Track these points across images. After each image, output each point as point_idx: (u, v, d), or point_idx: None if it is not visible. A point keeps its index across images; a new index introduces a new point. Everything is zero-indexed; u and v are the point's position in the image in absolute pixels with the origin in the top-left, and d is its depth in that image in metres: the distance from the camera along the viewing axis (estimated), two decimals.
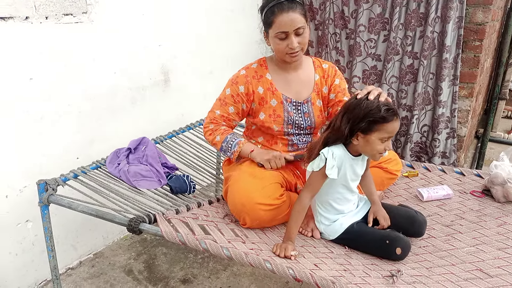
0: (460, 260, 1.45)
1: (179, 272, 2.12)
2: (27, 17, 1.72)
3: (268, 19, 1.62)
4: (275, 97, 1.74)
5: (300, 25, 1.59)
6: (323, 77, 1.81)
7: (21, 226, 1.88)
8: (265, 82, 1.75)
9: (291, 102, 1.75)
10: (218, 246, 1.37)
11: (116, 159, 1.89)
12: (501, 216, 1.71)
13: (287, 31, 1.59)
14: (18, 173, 1.82)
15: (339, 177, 1.50)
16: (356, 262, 1.45)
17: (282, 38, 1.61)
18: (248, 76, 1.74)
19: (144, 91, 2.34)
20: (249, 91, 1.73)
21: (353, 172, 1.54)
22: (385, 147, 1.44)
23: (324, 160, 1.45)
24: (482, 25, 2.71)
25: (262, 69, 1.76)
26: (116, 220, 1.52)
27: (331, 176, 1.44)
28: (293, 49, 1.62)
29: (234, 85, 1.74)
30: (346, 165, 1.51)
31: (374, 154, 1.46)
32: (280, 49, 1.64)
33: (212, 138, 1.78)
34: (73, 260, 2.17)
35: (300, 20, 1.59)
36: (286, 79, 1.77)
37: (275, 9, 1.58)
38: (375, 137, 1.42)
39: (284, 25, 1.58)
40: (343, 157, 1.49)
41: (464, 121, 2.93)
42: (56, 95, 1.90)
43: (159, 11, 2.32)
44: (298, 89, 1.78)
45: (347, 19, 3.02)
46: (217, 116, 1.78)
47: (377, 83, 3.03)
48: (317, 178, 1.48)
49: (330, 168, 1.44)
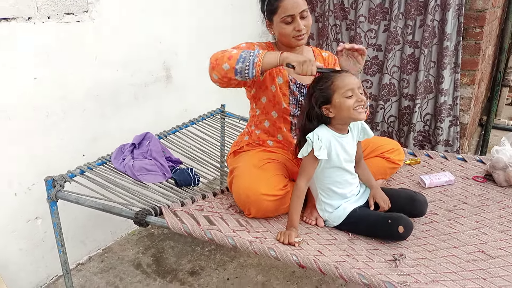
0: (463, 242, 1.47)
1: (187, 265, 2.15)
2: (29, 17, 1.75)
3: (273, 6, 1.66)
4: (281, 75, 1.77)
5: (304, 8, 1.64)
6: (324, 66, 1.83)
7: (31, 223, 1.92)
8: None
9: (295, 83, 1.78)
10: (223, 235, 1.39)
11: (121, 155, 1.92)
12: (503, 200, 1.72)
13: (293, 14, 1.63)
14: (26, 171, 1.86)
15: (332, 159, 1.54)
16: (359, 247, 1.47)
17: (288, 22, 1.65)
18: (262, 45, 1.78)
19: (146, 87, 2.37)
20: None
21: (345, 152, 1.57)
22: (356, 99, 1.46)
23: (311, 144, 1.48)
24: (482, 12, 2.71)
25: (269, 48, 1.80)
26: (123, 214, 1.55)
27: (320, 157, 1.48)
28: (300, 31, 1.66)
29: (250, 43, 1.75)
30: (335, 144, 1.54)
31: (351, 112, 1.47)
32: (287, 33, 1.68)
33: (227, 53, 1.56)
34: (83, 256, 2.21)
35: (303, 3, 1.65)
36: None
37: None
38: (338, 98, 1.46)
39: (291, 8, 1.62)
40: (329, 137, 1.53)
41: (466, 108, 2.93)
42: (60, 93, 1.93)
43: (159, 8, 2.35)
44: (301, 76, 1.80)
45: (347, 10, 3.03)
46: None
47: (378, 73, 3.04)
48: (308, 162, 1.52)
49: (318, 150, 1.47)
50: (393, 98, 3.03)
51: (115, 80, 2.18)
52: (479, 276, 1.27)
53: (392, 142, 1.93)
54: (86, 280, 2.06)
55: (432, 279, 1.24)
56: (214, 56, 1.61)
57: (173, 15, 2.45)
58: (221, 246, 2.28)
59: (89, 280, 2.06)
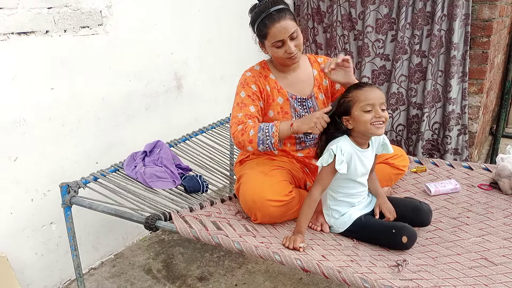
0: (466, 250, 1.48)
1: (196, 271, 2.20)
2: (47, 31, 1.83)
3: (262, 31, 1.69)
4: (281, 95, 1.81)
5: (293, 30, 1.66)
6: (321, 71, 1.88)
7: (46, 228, 1.99)
8: (270, 81, 1.82)
9: (296, 99, 1.82)
10: (229, 240, 1.43)
11: (133, 162, 1.99)
12: (508, 208, 1.73)
13: (282, 39, 1.66)
14: (42, 177, 1.94)
15: (349, 172, 1.56)
16: (363, 253, 1.49)
17: (279, 46, 1.69)
18: (255, 76, 1.80)
19: (158, 97, 2.44)
20: (260, 89, 1.79)
21: (363, 166, 1.59)
22: (374, 115, 1.48)
23: (333, 156, 1.50)
24: (489, 22, 2.73)
25: (265, 70, 1.84)
26: (134, 219, 1.60)
27: (341, 171, 1.50)
28: (292, 54, 1.70)
29: (247, 86, 1.77)
30: (355, 158, 1.56)
31: (368, 127, 1.49)
32: (279, 56, 1.72)
33: (246, 137, 1.66)
34: (95, 261, 2.27)
35: (292, 25, 1.66)
36: (288, 79, 1.84)
37: (266, 22, 1.66)
38: (357, 111, 1.49)
39: (279, 34, 1.65)
40: (351, 151, 1.55)
41: (475, 117, 2.94)
42: (75, 103, 2.01)
43: (170, 21, 2.43)
44: (301, 87, 1.85)
45: (354, 21, 3.08)
46: (241, 117, 1.72)
47: (386, 82, 3.07)
48: (327, 173, 1.54)
49: (339, 164, 1.49)
50: (401, 107, 3.06)
51: (128, 90, 2.26)
52: (481, 282, 1.28)
53: (396, 148, 1.95)
54: (98, 284, 2.12)
55: (434, 285, 1.26)
56: (235, 138, 1.70)
57: (184, 27, 2.53)
58: (229, 253, 2.31)
59: (101, 285, 2.12)
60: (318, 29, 3.28)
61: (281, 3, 1.69)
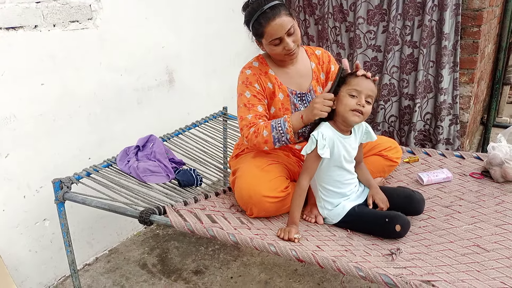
0: (459, 237, 1.50)
1: (191, 264, 2.20)
2: (36, 25, 1.81)
3: (258, 30, 1.66)
4: (281, 91, 1.79)
5: (289, 26, 1.63)
6: (318, 64, 1.87)
7: (39, 225, 1.98)
8: (270, 77, 1.79)
9: (296, 94, 1.82)
10: (224, 232, 1.44)
11: (126, 157, 1.98)
12: (499, 196, 1.75)
13: (279, 37, 1.64)
14: (34, 174, 1.92)
15: (334, 159, 1.58)
16: (357, 243, 1.51)
17: (277, 43, 1.66)
18: (256, 74, 1.76)
19: (150, 91, 2.43)
20: (263, 87, 1.77)
21: (346, 152, 1.61)
22: (356, 102, 1.50)
23: (315, 142, 1.53)
24: (479, 11, 2.74)
25: (263, 66, 1.80)
26: (128, 213, 1.60)
27: (323, 155, 1.52)
28: (290, 50, 1.68)
29: (250, 86, 1.74)
30: (338, 144, 1.58)
31: (346, 110, 1.51)
32: (278, 53, 1.70)
33: (260, 139, 1.66)
34: (90, 257, 2.26)
35: (288, 21, 1.62)
36: (287, 73, 1.82)
37: (261, 21, 1.62)
38: (343, 92, 1.52)
39: (276, 32, 1.62)
40: (333, 136, 1.57)
41: (466, 107, 2.96)
42: (66, 99, 1.99)
43: (162, 15, 2.41)
44: (299, 80, 1.84)
45: (346, 12, 3.07)
46: (251, 119, 1.71)
47: (378, 73, 3.08)
48: (311, 160, 1.56)
49: (321, 148, 1.52)
50: (393, 98, 3.07)
51: (119, 84, 2.24)
52: (473, 269, 1.30)
53: (390, 140, 1.97)
54: (93, 280, 2.12)
55: (428, 272, 1.28)
56: (250, 141, 1.70)
57: (175, 21, 2.51)
58: (224, 246, 2.32)
59: (96, 280, 2.11)
60: (309, 21, 3.27)
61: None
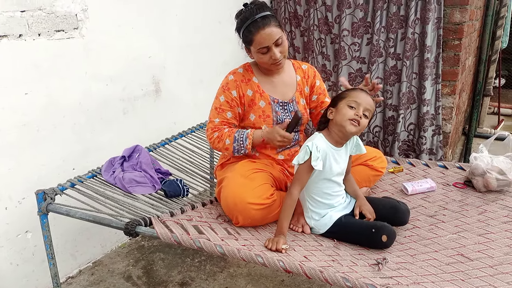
0: (443, 246, 1.52)
1: (177, 276, 2.17)
2: (20, 34, 1.79)
3: (247, 38, 1.72)
4: (263, 99, 1.83)
5: (278, 36, 1.69)
6: (303, 78, 1.93)
7: (21, 237, 1.94)
8: (253, 85, 1.84)
9: (278, 103, 1.85)
10: (211, 244, 1.43)
11: (111, 167, 1.96)
12: (482, 205, 1.79)
13: (267, 46, 1.70)
14: (17, 185, 1.88)
15: (325, 171, 1.59)
16: (344, 253, 1.51)
17: (264, 52, 1.72)
18: (237, 81, 1.82)
19: (136, 101, 2.41)
20: (240, 94, 1.82)
21: (337, 165, 1.63)
22: (355, 113, 1.53)
23: (309, 153, 1.54)
24: (460, 25, 2.82)
25: (248, 73, 1.85)
26: (113, 225, 1.58)
27: (317, 167, 1.53)
28: (276, 60, 1.73)
29: (227, 91, 1.81)
30: (330, 157, 1.60)
31: (344, 119, 1.54)
32: (265, 61, 1.76)
33: (222, 145, 1.79)
34: (73, 269, 2.22)
35: (277, 31, 1.69)
36: (271, 82, 1.87)
37: (251, 29, 1.69)
38: (342, 103, 1.56)
39: (264, 41, 1.69)
40: (326, 149, 1.59)
41: (448, 118, 3.02)
42: (51, 108, 1.96)
43: (148, 24, 2.41)
44: (283, 90, 1.88)
45: (331, 25, 3.13)
46: (218, 124, 1.81)
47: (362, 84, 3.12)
48: (304, 171, 1.56)
49: (315, 160, 1.53)
50: (378, 109, 3.12)
51: (105, 94, 2.22)
52: (458, 278, 1.32)
53: (375, 150, 2.00)
54: None
55: (413, 281, 1.29)
56: (212, 143, 1.84)
57: (162, 30, 2.51)
58: (211, 257, 2.30)
59: None
60: (295, 32, 3.31)
61: (266, 9, 1.71)
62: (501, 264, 1.38)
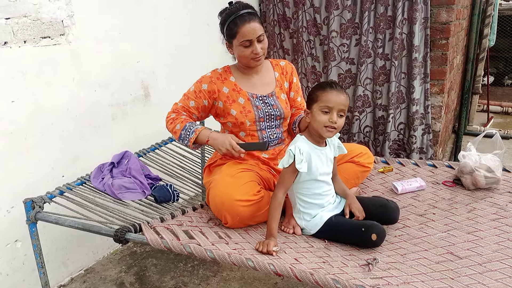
0: (433, 245, 1.53)
1: (170, 282, 2.16)
2: (5, 42, 1.77)
3: (232, 30, 1.77)
4: (241, 95, 1.88)
5: (261, 33, 1.78)
6: (282, 74, 1.99)
7: (10, 247, 1.91)
8: (229, 83, 1.90)
9: (257, 97, 1.90)
10: (202, 249, 1.42)
11: (100, 174, 1.94)
12: (470, 203, 1.80)
13: (250, 39, 1.76)
14: (5, 194, 1.86)
15: (311, 172, 1.60)
16: (335, 254, 1.52)
17: (247, 45, 1.78)
18: (212, 77, 1.90)
19: (125, 106, 2.40)
20: (213, 89, 1.88)
21: (323, 163, 1.64)
22: (329, 119, 1.54)
23: (292, 156, 1.55)
24: (447, 24, 2.85)
25: (226, 73, 1.92)
26: (103, 232, 1.57)
27: (302, 170, 1.54)
28: (257, 54, 1.79)
29: (198, 83, 1.90)
30: (315, 157, 1.61)
31: (320, 127, 1.56)
32: (245, 56, 1.80)
33: (172, 127, 1.87)
34: (65, 277, 2.20)
35: (260, 28, 1.78)
36: (250, 81, 1.93)
37: (237, 21, 1.75)
38: (316, 108, 1.56)
39: (248, 34, 1.75)
40: (309, 150, 1.60)
41: (437, 116, 3.04)
42: (38, 116, 1.95)
43: (136, 29, 2.40)
44: (262, 87, 1.93)
45: (319, 26, 3.14)
46: (179, 107, 1.92)
47: (352, 85, 3.14)
48: (288, 174, 1.58)
49: (299, 163, 1.54)
50: (368, 109, 3.13)
51: (93, 100, 2.21)
52: (447, 276, 1.33)
53: (361, 146, 2.02)
54: None
55: (403, 281, 1.30)
56: (166, 122, 1.93)
57: (150, 35, 2.51)
58: (203, 261, 2.29)
59: None
60: (284, 34, 3.32)
61: (250, 8, 1.80)
62: (490, 261, 1.39)
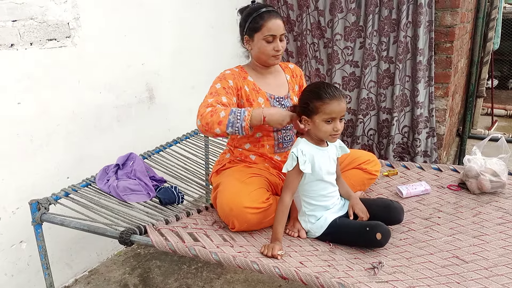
0: (438, 249, 1.53)
1: (173, 284, 2.16)
2: (12, 44, 1.79)
3: (257, 23, 1.78)
4: (261, 95, 1.87)
5: (284, 32, 1.81)
6: (292, 76, 2.01)
7: (15, 247, 1.92)
8: (249, 82, 1.88)
9: (274, 98, 1.89)
10: (207, 251, 1.43)
11: (105, 176, 1.95)
12: (476, 207, 1.80)
13: (275, 35, 1.78)
14: (10, 195, 1.87)
15: (316, 172, 1.60)
16: (340, 257, 1.51)
17: (269, 41, 1.78)
18: (234, 74, 1.86)
19: (130, 108, 2.41)
20: (237, 86, 1.83)
21: (327, 163, 1.64)
22: (333, 128, 1.54)
23: (295, 159, 1.55)
24: (451, 28, 2.84)
25: (243, 72, 1.90)
26: (108, 234, 1.57)
27: (305, 171, 1.54)
28: (278, 51, 1.80)
29: (223, 80, 1.81)
30: (318, 158, 1.61)
31: (326, 136, 1.58)
32: (266, 51, 1.80)
33: (215, 118, 1.61)
34: (69, 278, 2.20)
35: (283, 27, 1.81)
36: (266, 81, 1.92)
37: (264, 15, 1.78)
38: (318, 119, 1.55)
39: (274, 28, 1.77)
40: (311, 151, 1.60)
41: (442, 120, 3.04)
42: (44, 117, 1.96)
43: (140, 31, 2.41)
44: (277, 88, 1.93)
45: (323, 29, 3.14)
46: (212, 102, 1.69)
47: (356, 88, 3.14)
48: (293, 176, 1.58)
49: (303, 164, 1.54)
50: (372, 112, 3.13)
51: (98, 102, 2.22)
52: (453, 280, 1.32)
53: (368, 154, 2.01)
54: None
55: (409, 285, 1.29)
56: (203, 118, 1.64)
57: (155, 37, 2.52)
58: (207, 264, 2.29)
59: None
60: (288, 37, 3.32)
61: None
62: (496, 266, 1.39)
